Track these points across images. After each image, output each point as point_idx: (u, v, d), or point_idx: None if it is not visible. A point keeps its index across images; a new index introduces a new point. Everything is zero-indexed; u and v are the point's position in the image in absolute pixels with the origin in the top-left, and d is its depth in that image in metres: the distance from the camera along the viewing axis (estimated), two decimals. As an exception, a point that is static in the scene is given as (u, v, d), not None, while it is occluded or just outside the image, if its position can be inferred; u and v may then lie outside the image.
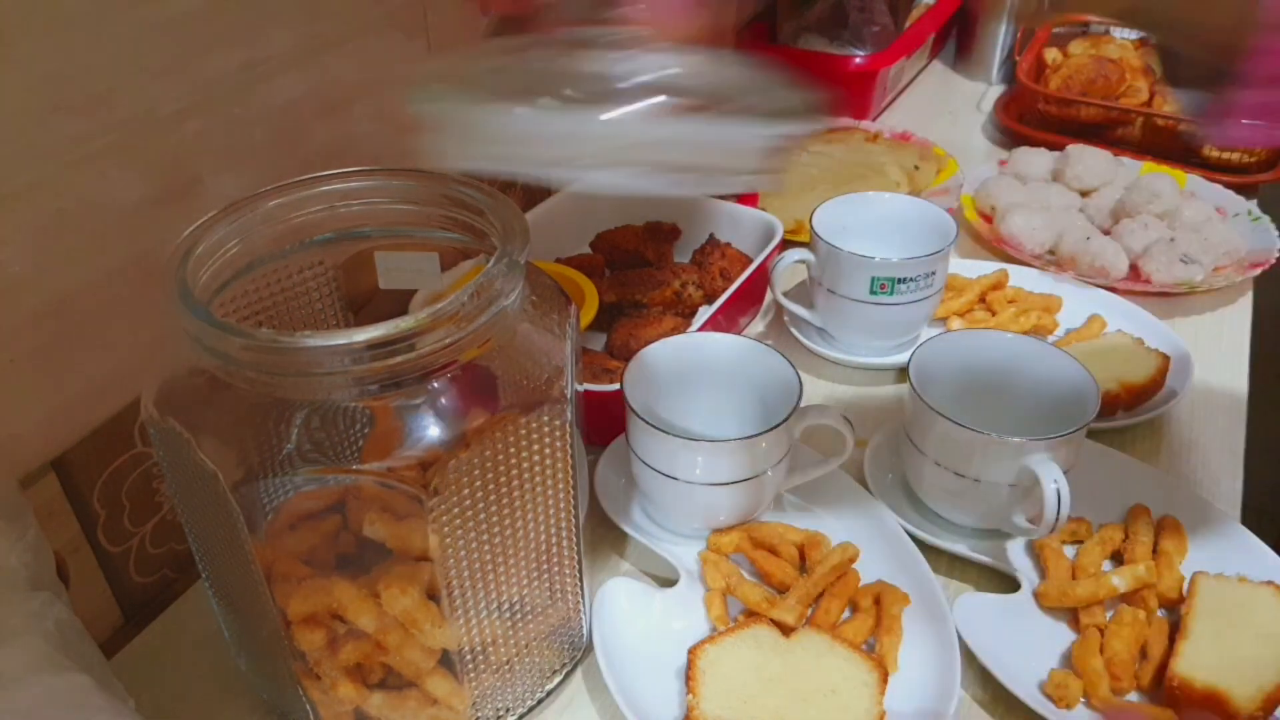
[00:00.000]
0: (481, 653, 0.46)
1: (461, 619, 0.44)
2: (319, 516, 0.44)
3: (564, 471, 0.45)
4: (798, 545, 0.58)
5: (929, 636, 0.52)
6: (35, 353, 0.49)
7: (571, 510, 0.47)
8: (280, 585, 0.42)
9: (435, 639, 0.43)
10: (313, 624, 0.43)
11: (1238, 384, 0.74)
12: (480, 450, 0.40)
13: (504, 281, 0.40)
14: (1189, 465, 0.67)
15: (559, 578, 0.48)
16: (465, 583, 0.43)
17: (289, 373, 0.37)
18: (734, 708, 0.48)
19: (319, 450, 0.38)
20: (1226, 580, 0.54)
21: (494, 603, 0.45)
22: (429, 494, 0.39)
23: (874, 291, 0.71)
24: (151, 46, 0.50)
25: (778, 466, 0.56)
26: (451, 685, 0.45)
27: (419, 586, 0.42)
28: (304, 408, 0.39)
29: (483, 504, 0.42)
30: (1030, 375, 0.61)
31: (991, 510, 0.58)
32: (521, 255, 0.40)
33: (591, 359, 0.70)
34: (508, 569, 0.45)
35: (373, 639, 0.43)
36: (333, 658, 0.44)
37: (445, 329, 0.37)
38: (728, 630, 0.52)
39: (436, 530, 0.40)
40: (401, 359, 0.37)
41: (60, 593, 0.44)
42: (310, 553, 0.43)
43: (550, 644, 0.50)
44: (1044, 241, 0.86)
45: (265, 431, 0.39)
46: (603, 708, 0.51)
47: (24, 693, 0.38)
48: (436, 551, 0.41)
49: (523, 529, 0.44)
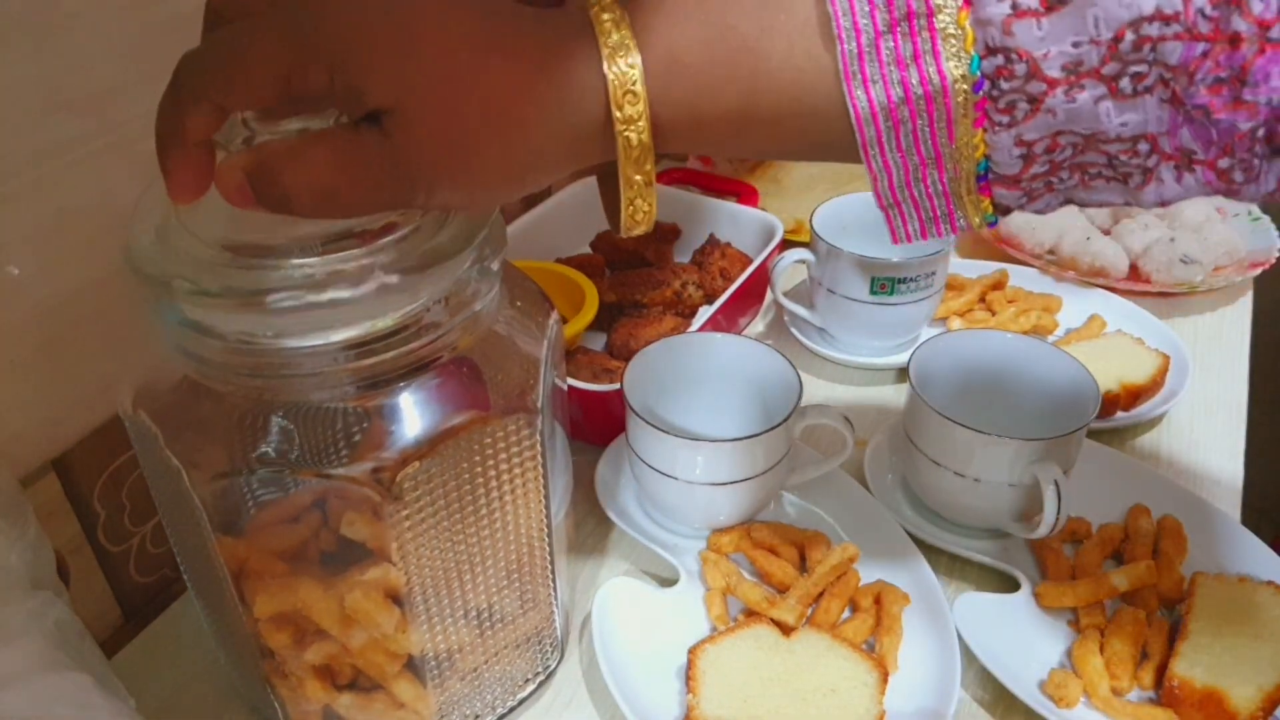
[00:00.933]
0: (447, 659, 0.45)
1: (425, 625, 0.43)
2: (301, 514, 0.44)
3: (535, 481, 0.44)
4: (798, 545, 0.58)
5: (929, 636, 0.52)
6: (36, 353, 0.49)
7: (544, 520, 0.46)
8: (253, 582, 0.42)
9: (398, 643, 0.43)
10: (280, 622, 0.43)
11: (1238, 384, 0.74)
12: (445, 456, 0.40)
13: (477, 285, 0.39)
14: (1189, 465, 0.67)
15: (530, 587, 0.48)
16: (429, 589, 0.43)
17: (262, 374, 0.37)
18: (734, 708, 0.48)
19: (297, 450, 0.38)
20: (1226, 580, 0.54)
21: (460, 610, 0.45)
22: (389, 499, 0.38)
23: (874, 291, 0.71)
24: (151, 46, 0.50)
25: (778, 466, 0.56)
26: (417, 690, 0.45)
27: (383, 590, 0.42)
28: (280, 407, 0.38)
29: (445, 511, 0.41)
30: (1030, 375, 0.61)
31: (991, 510, 0.58)
32: (495, 260, 0.40)
33: (591, 359, 0.70)
34: (474, 577, 0.44)
35: (338, 640, 0.43)
36: (299, 657, 0.43)
37: (412, 332, 0.37)
38: (728, 630, 0.52)
39: (397, 536, 0.40)
40: (372, 361, 0.37)
41: (60, 592, 0.44)
42: (293, 550, 0.43)
43: (522, 653, 0.50)
44: (1044, 241, 0.86)
45: (237, 429, 0.39)
46: (603, 708, 0.51)
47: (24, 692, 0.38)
48: (397, 556, 0.40)
49: (489, 537, 0.44)
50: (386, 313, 0.36)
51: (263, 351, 0.36)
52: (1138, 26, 0.28)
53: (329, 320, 0.36)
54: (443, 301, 0.38)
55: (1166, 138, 0.30)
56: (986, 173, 0.32)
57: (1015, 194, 0.33)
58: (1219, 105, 0.29)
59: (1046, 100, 0.30)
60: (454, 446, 0.40)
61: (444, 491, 0.41)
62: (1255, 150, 0.30)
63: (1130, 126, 0.30)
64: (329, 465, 0.38)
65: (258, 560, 0.42)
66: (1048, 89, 0.29)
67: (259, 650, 0.44)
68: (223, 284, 0.35)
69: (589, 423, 0.66)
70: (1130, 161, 0.31)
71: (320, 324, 0.36)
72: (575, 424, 0.68)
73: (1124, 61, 0.29)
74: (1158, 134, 0.30)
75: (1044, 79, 0.29)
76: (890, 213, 0.35)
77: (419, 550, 0.41)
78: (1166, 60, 0.28)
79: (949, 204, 0.34)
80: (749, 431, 0.54)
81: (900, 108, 0.31)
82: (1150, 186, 0.32)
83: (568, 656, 0.54)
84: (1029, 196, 0.33)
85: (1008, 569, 0.57)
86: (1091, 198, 0.33)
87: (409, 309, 0.37)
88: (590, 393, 0.63)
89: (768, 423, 0.55)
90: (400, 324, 0.37)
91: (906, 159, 0.32)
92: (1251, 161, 0.30)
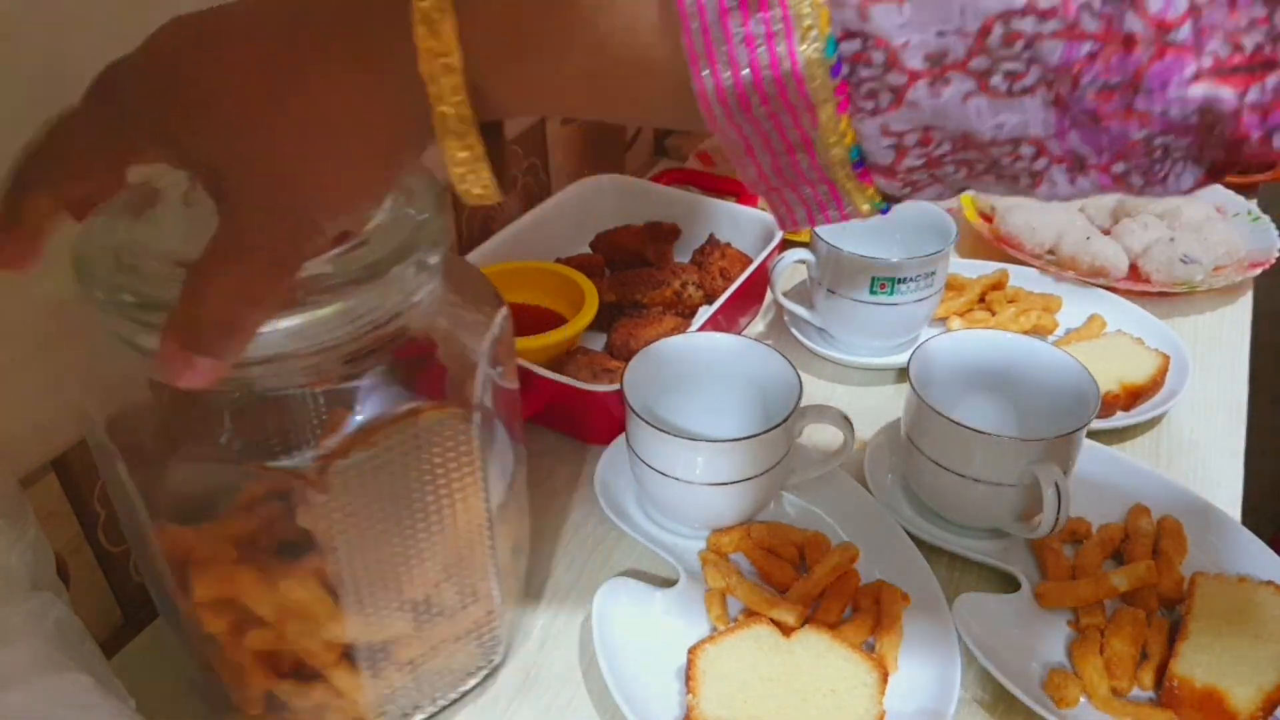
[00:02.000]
0: (383, 651, 0.46)
1: (360, 615, 0.43)
2: (255, 504, 0.44)
3: (472, 476, 0.44)
4: (798, 545, 0.58)
5: (929, 636, 0.52)
6: (36, 352, 0.49)
7: (484, 515, 0.46)
8: (195, 569, 0.42)
9: (333, 633, 0.43)
10: (219, 609, 0.43)
11: (1238, 384, 0.74)
12: (378, 449, 0.40)
13: (415, 281, 0.40)
14: (1189, 465, 0.67)
15: (470, 582, 0.48)
16: (362, 580, 0.43)
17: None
18: (734, 708, 0.48)
19: (239, 442, 0.39)
20: (1226, 580, 0.54)
21: (396, 602, 0.45)
22: (318, 490, 0.39)
23: (874, 291, 0.71)
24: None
25: (778, 466, 0.56)
26: (355, 680, 0.45)
27: (318, 579, 0.42)
28: (226, 399, 0.39)
29: (379, 503, 0.41)
30: (1030, 375, 0.61)
31: (991, 510, 0.58)
32: (433, 256, 0.40)
33: (591, 359, 0.70)
34: (410, 570, 0.44)
35: (276, 628, 0.43)
36: (238, 643, 0.44)
37: (342, 323, 0.37)
38: (728, 630, 0.52)
39: (329, 526, 0.40)
40: (314, 355, 0.37)
41: (60, 592, 0.44)
42: (243, 538, 0.43)
43: (465, 646, 0.50)
44: (1044, 241, 0.86)
45: (184, 420, 0.39)
46: (603, 708, 0.51)
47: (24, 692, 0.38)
48: (330, 547, 0.41)
49: (425, 531, 0.44)
50: (322, 309, 0.37)
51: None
52: (1007, 19, 0.26)
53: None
54: (381, 299, 0.38)
55: (1055, 140, 0.28)
56: (861, 160, 0.30)
57: (895, 184, 0.30)
58: (1108, 113, 0.26)
59: (909, 93, 0.27)
60: (387, 439, 0.40)
61: (377, 484, 0.41)
62: (1154, 157, 0.27)
63: (1008, 129, 0.27)
64: (270, 457, 0.38)
65: (205, 548, 0.43)
66: (909, 81, 0.27)
67: (200, 637, 0.44)
68: (166, 296, 0.35)
69: (589, 423, 0.66)
70: (1015, 165, 0.29)
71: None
72: (575, 424, 0.68)
73: (994, 57, 0.26)
74: (1043, 137, 0.27)
75: (904, 70, 0.27)
76: (771, 198, 0.32)
77: (351, 541, 0.41)
78: (1045, 61, 0.26)
79: (832, 190, 0.31)
80: (749, 431, 0.54)
81: (750, 92, 0.28)
82: (1042, 189, 0.29)
83: (565, 655, 0.54)
84: (913, 187, 0.30)
85: (1008, 569, 0.57)
86: (990, 189, 0.31)
87: (344, 305, 0.37)
88: (590, 393, 0.63)
89: (768, 423, 0.55)
90: (337, 320, 0.37)
91: (770, 141, 0.30)
92: (1152, 167, 0.28)
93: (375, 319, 0.39)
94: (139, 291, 0.36)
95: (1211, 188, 0.93)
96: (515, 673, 0.53)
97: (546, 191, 0.91)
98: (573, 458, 0.67)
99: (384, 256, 0.38)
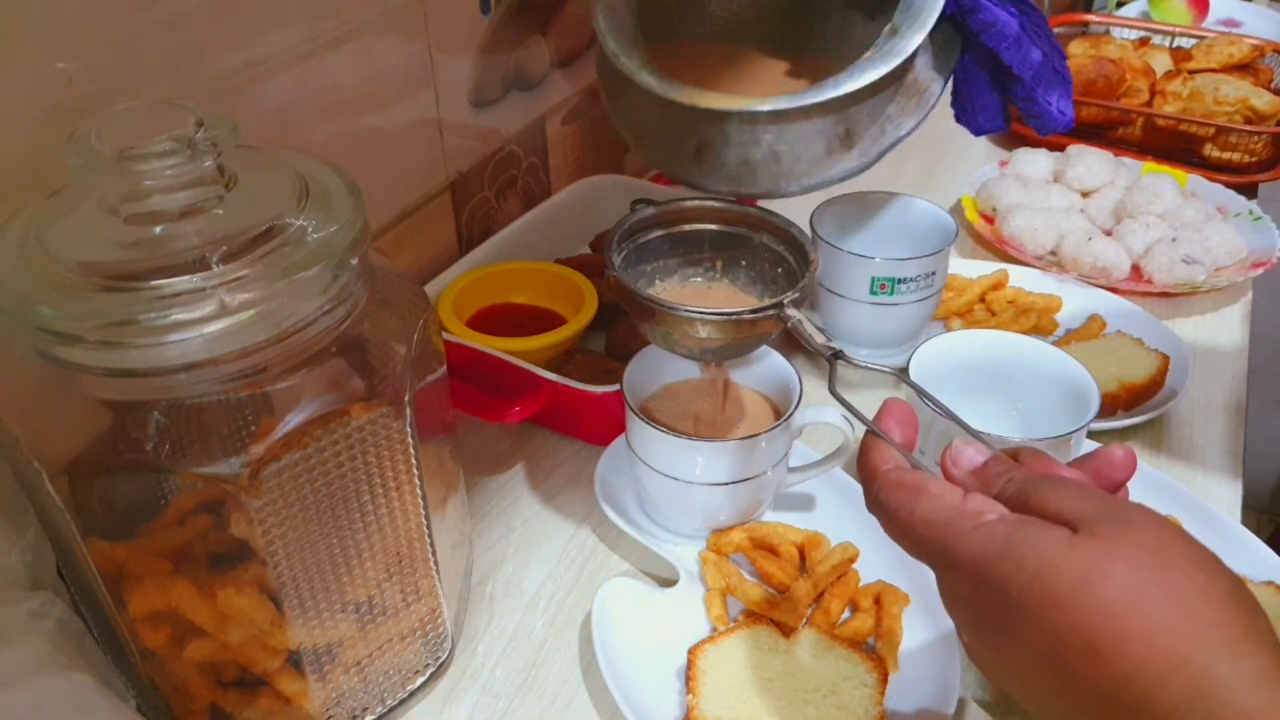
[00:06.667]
0: (328, 653, 0.45)
1: (302, 619, 0.43)
2: (186, 516, 0.43)
3: (407, 474, 0.44)
4: (798, 545, 0.58)
5: (929, 636, 0.52)
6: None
7: (421, 514, 0.46)
8: (130, 584, 0.42)
9: (276, 639, 0.43)
10: (157, 622, 0.43)
11: (1238, 384, 0.74)
12: (308, 452, 0.40)
13: (334, 284, 0.40)
14: (1189, 465, 0.67)
15: (413, 580, 0.48)
16: (302, 583, 0.43)
17: (119, 374, 0.37)
18: (734, 708, 0.48)
19: (166, 448, 0.38)
20: (1226, 580, 0.54)
21: (338, 604, 0.45)
22: (250, 495, 0.39)
23: (874, 292, 0.71)
24: (151, 46, 0.50)
25: (778, 466, 0.56)
26: (300, 685, 0.45)
27: (256, 586, 0.42)
28: (150, 406, 0.38)
29: (315, 505, 0.41)
30: (1030, 375, 0.61)
31: (991, 510, 0.57)
32: (354, 257, 0.40)
33: (591, 359, 0.70)
34: (351, 571, 0.44)
35: (217, 638, 0.43)
36: (179, 655, 0.43)
37: (264, 328, 0.37)
38: (728, 630, 0.52)
39: (265, 531, 0.40)
40: (236, 360, 0.37)
41: (60, 592, 0.44)
42: (176, 550, 0.43)
43: (410, 645, 0.50)
44: (1045, 243, 0.86)
45: (104, 429, 0.39)
46: (603, 708, 0.51)
47: (25, 692, 0.38)
48: (266, 551, 0.40)
49: (364, 531, 0.44)
50: (242, 313, 0.36)
51: (126, 356, 0.36)
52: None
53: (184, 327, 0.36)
54: (300, 302, 0.38)
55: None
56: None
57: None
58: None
59: None
60: (318, 441, 0.40)
61: (311, 486, 0.41)
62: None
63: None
64: (200, 464, 0.38)
65: (138, 563, 0.42)
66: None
67: (140, 652, 0.43)
68: (84, 309, 0.35)
69: (589, 423, 0.66)
70: None
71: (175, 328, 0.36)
72: (575, 424, 0.68)
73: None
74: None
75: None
76: None
77: (288, 545, 0.41)
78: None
79: None
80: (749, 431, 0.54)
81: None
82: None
83: (565, 655, 0.54)
84: None
85: (1008, 569, 0.57)
86: None
87: (263, 309, 0.37)
88: (590, 393, 0.63)
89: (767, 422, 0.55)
90: (259, 325, 0.37)
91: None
92: None
93: (296, 323, 0.38)
94: (56, 304, 0.35)
95: (1212, 187, 0.94)
96: (515, 673, 0.53)
97: (546, 191, 0.91)
98: (573, 458, 0.67)
99: (301, 259, 0.38)
